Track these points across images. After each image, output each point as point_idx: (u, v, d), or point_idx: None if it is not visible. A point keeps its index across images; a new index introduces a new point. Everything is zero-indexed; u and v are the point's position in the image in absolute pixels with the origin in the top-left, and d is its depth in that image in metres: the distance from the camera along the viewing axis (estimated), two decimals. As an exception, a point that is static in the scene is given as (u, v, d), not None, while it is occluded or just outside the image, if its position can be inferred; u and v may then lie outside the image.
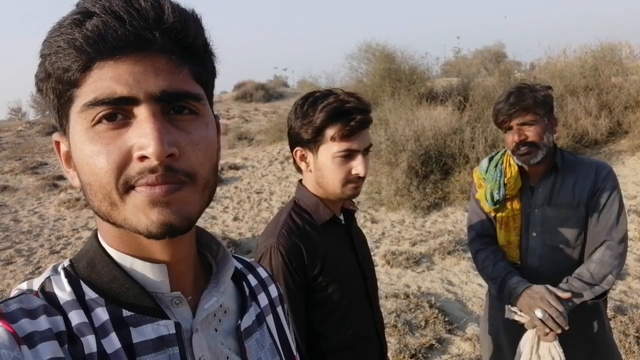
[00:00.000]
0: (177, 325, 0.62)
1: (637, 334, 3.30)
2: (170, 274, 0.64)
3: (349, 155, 1.34)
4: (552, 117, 1.82)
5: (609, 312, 3.64)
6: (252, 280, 0.82)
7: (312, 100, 1.38)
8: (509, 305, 1.72)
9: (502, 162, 1.92)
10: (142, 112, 0.55)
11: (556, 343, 1.63)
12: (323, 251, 1.37)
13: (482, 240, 1.99)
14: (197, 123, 0.60)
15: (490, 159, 1.98)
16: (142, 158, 0.54)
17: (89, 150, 0.55)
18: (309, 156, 1.40)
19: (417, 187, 6.81)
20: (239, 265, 0.83)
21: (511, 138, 1.79)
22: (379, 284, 4.74)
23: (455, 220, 6.38)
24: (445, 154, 7.07)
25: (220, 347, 0.67)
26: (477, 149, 6.86)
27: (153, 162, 0.54)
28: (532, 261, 1.85)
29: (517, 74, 12.30)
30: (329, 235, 1.41)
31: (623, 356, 3.15)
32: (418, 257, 5.24)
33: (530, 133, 1.76)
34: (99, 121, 0.55)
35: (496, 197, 1.89)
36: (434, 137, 7.20)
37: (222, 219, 7.51)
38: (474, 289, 4.47)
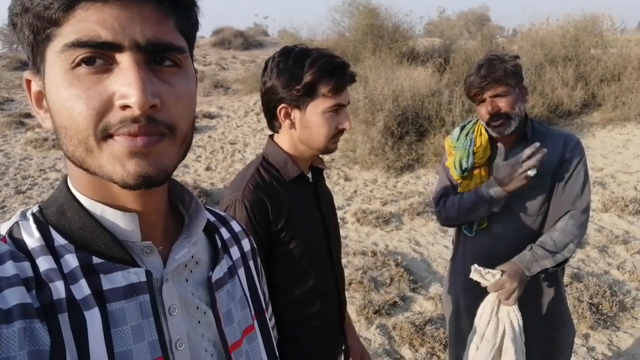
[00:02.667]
0: (148, 273, 0.62)
1: (590, 301, 3.45)
2: (141, 223, 0.64)
3: (336, 110, 1.37)
4: (523, 86, 1.83)
5: (566, 279, 3.79)
6: (225, 234, 0.82)
7: (295, 56, 1.35)
8: (476, 265, 1.76)
9: (474, 131, 1.94)
10: (125, 60, 0.54)
11: (515, 307, 1.69)
12: (288, 207, 1.39)
13: (445, 198, 2.04)
14: (180, 76, 0.59)
15: (462, 128, 1.99)
16: (124, 107, 0.53)
17: (67, 94, 0.53)
18: (295, 114, 1.39)
19: (392, 147, 6.84)
20: (212, 218, 0.83)
21: (484, 110, 1.80)
22: (348, 241, 4.83)
23: (426, 182, 6.47)
24: (422, 115, 7.08)
25: (191, 297, 0.68)
26: (454, 113, 6.88)
27: (135, 111, 0.53)
28: (497, 228, 1.90)
29: (499, 39, 12.24)
30: (295, 192, 1.44)
31: (575, 321, 3.31)
32: (388, 217, 5.32)
33: (503, 104, 1.77)
34: (78, 64, 0.53)
35: (464, 165, 1.91)
36: (412, 98, 7.18)
37: (195, 168, 7.44)
38: (439, 250, 4.59)
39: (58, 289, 0.55)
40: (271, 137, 1.50)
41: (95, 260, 0.59)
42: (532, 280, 1.74)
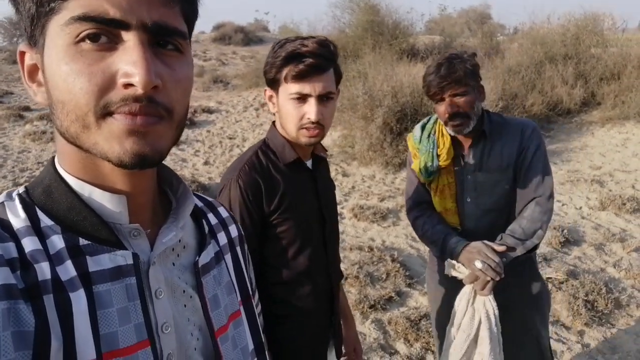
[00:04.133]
0: (135, 256, 0.62)
1: (585, 298, 3.45)
2: (129, 205, 0.63)
3: (302, 99, 1.38)
4: (480, 85, 1.85)
5: (562, 276, 3.79)
6: (212, 219, 0.83)
7: (281, 42, 1.42)
8: (449, 259, 1.79)
9: (435, 132, 1.95)
10: (131, 39, 0.54)
11: (491, 297, 1.72)
12: (282, 190, 1.43)
13: (419, 207, 2.05)
14: (181, 61, 0.60)
15: (423, 127, 2.00)
16: (127, 85, 0.53)
17: (69, 68, 0.53)
18: (274, 96, 1.44)
19: (391, 143, 6.83)
20: (200, 204, 0.83)
21: (443, 109, 1.80)
22: (345, 236, 4.82)
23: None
24: (421, 112, 7.06)
25: (177, 281, 0.68)
26: (453, 110, 6.86)
27: (138, 90, 0.53)
28: (469, 225, 1.93)
29: (499, 37, 12.23)
30: (291, 177, 1.46)
31: (570, 318, 3.32)
32: (385, 213, 5.32)
33: (462, 104, 1.78)
34: (82, 39, 0.53)
35: (430, 169, 1.93)
36: (412, 95, 7.16)
37: (193, 162, 7.43)
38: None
39: (43, 270, 0.55)
40: (274, 122, 1.54)
41: (82, 241, 0.59)
42: (508, 267, 1.76)
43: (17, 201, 0.60)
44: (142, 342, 0.60)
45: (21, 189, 0.63)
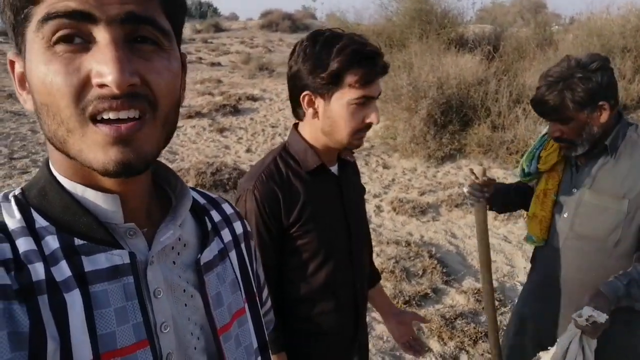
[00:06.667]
0: (132, 255, 0.61)
1: None
2: (123, 205, 0.63)
3: (364, 103, 1.27)
4: (601, 106, 1.55)
5: None
6: (216, 216, 0.81)
7: (323, 41, 1.26)
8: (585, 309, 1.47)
9: None
10: (101, 36, 0.53)
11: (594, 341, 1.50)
12: (303, 200, 1.34)
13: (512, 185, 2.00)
14: (160, 55, 0.58)
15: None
16: (102, 85, 0.52)
17: (46, 69, 0.53)
18: (319, 103, 1.30)
19: (434, 136, 6.69)
20: (203, 201, 0.82)
21: (549, 129, 1.64)
22: (382, 229, 4.78)
23: (468, 173, 6.30)
24: (467, 104, 6.88)
25: (177, 280, 0.67)
26: (501, 103, 6.66)
27: (114, 91, 0.52)
28: (556, 243, 1.73)
29: (554, 27, 11.74)
30: (313, 185, 1.37)
31: None
32: (425, 207, 5.23)
33: (566, 130, 1.59)
34: (57, 42, 0.53)
35: (527, 169, 1.78)
36: (458, 86, 6.99)
37: (235, 149, 7.53)
38: (475, 244, 4.46)
39: (37, 270, 0.55)
40: (295, 125, 1.44)
41: (77, 241, 0.59)
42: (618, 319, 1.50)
43: (12, 202, 0.61)
44: (141, 342, 0.60)
45: (17, 191, 0.63)
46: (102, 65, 0.52)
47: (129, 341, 0.58)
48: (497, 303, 3.50)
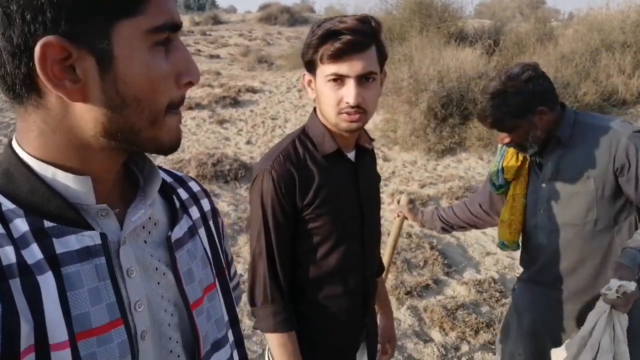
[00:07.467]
0: (103, 235, 0.62)
1: None
2: (95, 186, 0.63)
3: (340, 81, 1.27)
4: (540, 111, 1.64)
5: None
6: (183, 194, 0.82)
7: (320, 22, 1.32)
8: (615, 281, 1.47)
9: None
10: (178, 39, 0.62)
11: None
12: (318, 183, 1.34)
13: (469, 199, 2.09)
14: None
15: None
16: (188, 84, 0.63)
17: (154, 71, 0.59)
18: (313, 81, 1.35)
19: (434, 129, 6.70)
20: (169, 179, 0.83)
21: (499, 137, 1.72)
22: (383, 221, 4.79)
23: (468, 166, 6.33)
24: (468, 98, 6.88)
25: (149, 259, 0.68)
26: (501, 97, 6.66)
27: (193, 85, 0.64)
28: (542, 239, 1.77)
29: (553, 22, 11.74)
30: (329, 169, 1.37)
31: None
32: (425, 200, 5.25)
33: (512, 137, 1.68)
34: (157, 43, 0.59)
35: (496, 183, 1.84)
36: (458, 80, 6.99)
37: (235, 141, 7.52)
38: (476, 236, 4.50)
39: (7, 254, 0.54)
40: (315, 109, 1.45)
41: (47, 224, 0.58)
42: None
43: None
44: (115, 321, 0.61)
45: None
46: (187, 63, 0.63)
47: (103, 320, 0.59)
48: (498, 294, 3.53)
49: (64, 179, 0.61)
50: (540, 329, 1.84)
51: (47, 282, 0.55)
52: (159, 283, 0.69)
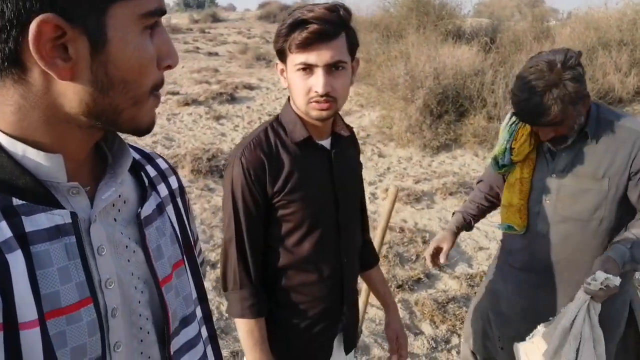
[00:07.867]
0: (73, 214, 0.61)
1: None
2: (67, 164, 0.62)
3: (309, 70, 1.27)
4: (583, 99, 1.55)
5: None
6: (151, 171, 0.82)
7: (291, 10, 1.32)
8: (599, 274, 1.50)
9: (518, 122, 1.74)
10: (160, 24, 0.63)
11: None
12: (289, 170, 1.35)
13: (482, 186, 2.04)
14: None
15: (514, 113, 1.75)
16: (167, 67, 0.64)
17: (144, 54, 0.60)
18: (285, 70, 1.35)
19: (430, 125, 6.71)
20: (137, 156, 0.82)
21: (539, 134, 1.63)
22: (377, 216, 4.79)
23: (463, 163, 6.33)
24: (463, 95, 6.90)
25: (120, 237, 0.68)
26: (497, 94, 6.67)
27: (171, 69, 0.65)
28: (541, 228, 1.73)
29: (551, 21, 11.75)
30: (301, 156, 1.37)
31: None
32: (419, 195, 5.25)
33: (560, 130, 1.59)
34: (146, 27, 0.60)
35: (500, 162, 1.78)
36: (454, 77, 7.00)
37: (231, 136, 7.52)
38: (469, 232, 4.50)
39: None
40: (289, 97, 1.44)
41: (16, 201, 0.57)
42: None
43: None
44: (85, 299, 0.61)
45: None
46: (167, 46, 0.64)
47: (72, 299, 0.59)
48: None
49: (35, 156, 0.59)
50: (522, 315, 1.83)
51: (16, 261, 0.55)
52: (129, 260, 0.69)
